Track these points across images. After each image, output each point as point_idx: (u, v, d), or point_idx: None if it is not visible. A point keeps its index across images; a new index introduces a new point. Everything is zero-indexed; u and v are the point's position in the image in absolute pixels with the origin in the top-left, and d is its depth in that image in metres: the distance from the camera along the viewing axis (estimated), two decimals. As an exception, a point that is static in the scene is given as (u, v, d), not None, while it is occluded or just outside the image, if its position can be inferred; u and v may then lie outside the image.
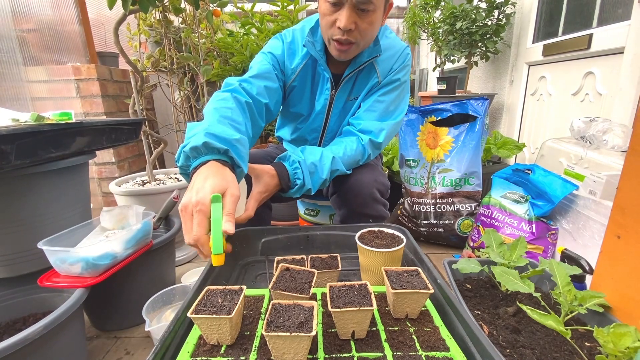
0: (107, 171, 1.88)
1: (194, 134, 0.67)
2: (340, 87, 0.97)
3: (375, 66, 0.97)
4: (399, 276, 0.58)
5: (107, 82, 1.84)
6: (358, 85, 0.99)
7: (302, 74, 0.98)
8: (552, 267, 0.68)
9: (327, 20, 0.83)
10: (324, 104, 0.99)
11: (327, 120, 1.03)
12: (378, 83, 0.98)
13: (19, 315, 0.98)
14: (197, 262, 1.56)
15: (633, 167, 0.64)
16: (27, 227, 0.93)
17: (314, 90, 1.01)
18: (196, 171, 0.62)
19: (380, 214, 0.97)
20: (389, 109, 0.98)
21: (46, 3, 1.82)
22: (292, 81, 0.98)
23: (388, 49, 0.97)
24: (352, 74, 0.95)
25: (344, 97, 1.00)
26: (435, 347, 0.48)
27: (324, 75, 0.96)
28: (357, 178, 0.94)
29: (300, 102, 1.02)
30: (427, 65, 3.59)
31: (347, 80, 0.97)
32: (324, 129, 1.05)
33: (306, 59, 0.96)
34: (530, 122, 2.03)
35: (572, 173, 1.18)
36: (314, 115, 1.03)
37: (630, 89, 1.30)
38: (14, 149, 0.76)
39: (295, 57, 0.97)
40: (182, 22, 1.83)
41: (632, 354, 0.51)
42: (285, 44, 0.98)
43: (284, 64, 0.98)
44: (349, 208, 0.96)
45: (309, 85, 1.00)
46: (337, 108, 1.01)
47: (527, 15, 2.00)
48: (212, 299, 0.51)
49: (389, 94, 0.98)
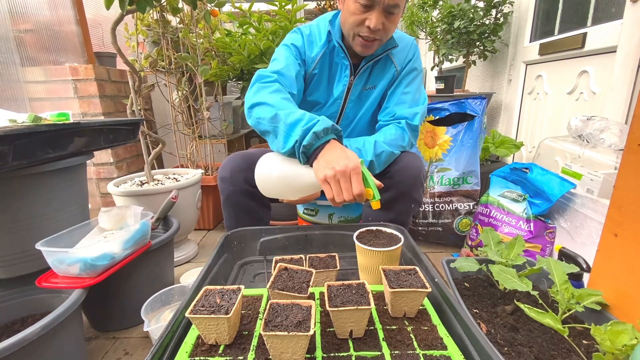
0: (105, 172, 1.88)
1: (309, 118, 0.79)
2: (358, 75, 1.03)
3: (392, 57, 1.03)
4: (396, 275, 0.58)
5: (104, 83, 1.84)
6: (374, 75, 1.04)
7: (322, 62, 1.03)
8: (550, 266, 0.69)
9: (355, 18, 0.89)
10: (343, 89, 1.04)
11: (344, 106, 1.07)
12: (397, 72, 1.04)
13: (17, 316, 0.98)
14: (196, 262, 1.56)
15: (630, 165, 0.64)
16: (25, 228, 0.93)
17: (331, 79, 1.07)
18: (322, 148, 0.77)
19: (421, 200, 1.02)
20: (416, 97, 1.04)
21: (43, 3, 1.82)
22: (312, 69, 1.04)
23: (401, 40, 1.04)
24: (369, 63, 1.01)
25: (360, 85, 1.05)
26: (433, 346, 0.49)
27: (343, 63, 1.02)
28: (408, 160, 0.99)
29: (318, 89, 1.07)
30: (425, 64, 3.59)
31: (365, 69, 1.02)
32: (340, 115, 1.10)
33: (324, 48, 1.02)
34: (527, 121, 2.03)
35: (570, 172, 1.18)
36: (331, 101, 1.07)
37: (622, 87, 1.31)
38: (11, 150, 0.76)
39: (314, 47, 1.03)
40: (180, 22, 1.82)
41: (629, 351, 0.52)
42: (305, 35, 1.04)
43: (305, 53, 1.03)
44: (397, 189, 0.97)
45: (327, 73, 1.06)
46: (354, 95, 1.06)
47: (525, 14, 2.00)
48: (210, 299, 0.51)
49: (412, 84, 1.04)
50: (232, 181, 0.98)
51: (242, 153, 1.05)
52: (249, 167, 0.97)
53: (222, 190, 1.02)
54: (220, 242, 0.81)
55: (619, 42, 1.31)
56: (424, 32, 2.33)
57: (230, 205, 1.02)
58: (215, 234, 1.90)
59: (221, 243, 0.81)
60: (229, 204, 1.02)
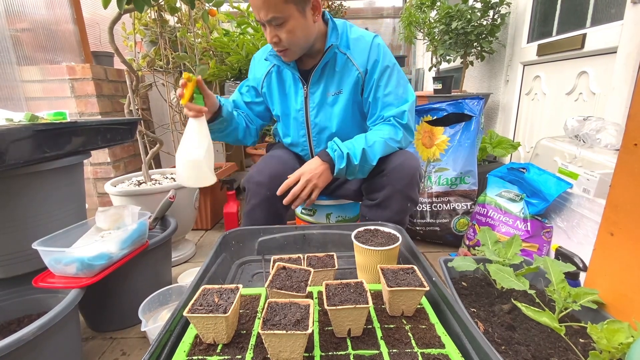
0: (102, 171, 1.87)
1: None
2: (311, 81, 1.06)
3: (351, 59, 1.03)
4: (394, 274, 0.58)
5: (102, 82, 1.83)
6: (337, 78, 1.05)
7: (268, 80, 1.12)
8: (547, 265, 0.69)
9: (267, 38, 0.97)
10: (302, 100, 1.09)
11: (306, 114, 1.10)
12: (360, 74, 1.03)
13: (13, 316, 0.97)
14: (193, 263, 1.55)
15: (626, 165, 0.65)
16: (22, 228, 0.92)
17: (282, 92, 1.12)
18: None
19: (417, 199, 1.02)
20: (400, 94, 1.04)
21: (40, 2, 1.81)
22: (261, 88, 1.15)
23: (358, 40, 1.04)
24: (319, 67, 1.03)
25: (319, 92, 1.07)
26: (430, 344, 0.49)
27: (294, 76, 1.08)
28: (404, 159, 1.00)
29: (273, 103, 1.15)
30: (423, 65, 3.60)
31: (314, 76, 1.05)
32: (307, 124, 1.12)
33: (269, 67, 1.11)
34: (525, 122, 2.04)
35: (566, 171, 1.19)
36: (294, 113, 1.12)
37: (623, 88, 1.31)
38: (8, 149, 0.75)
39: (261, 69, 1.14)
40: (178, 22, 1.82)
41: (625, 349, 0.52)
42: (253, 63, 1.18)
43: (255, 78, 1.16)
44: (393, 187, 0.97)
45: (276, 88, 1.12)
46: (313, 102, 1.08)
47: (522, 15, 2.01)
48: (208, 298, 0.51)
49: (390, 82, 1.03)
50: (270, 187, 0.99)
51: (278, 157, 1.09)
52: (285, 172, 1.00)
53: (255, 193, 1.01)
54: (219, 241, 0.81)
55: (620, 43, 1.32)
56: (422, 33, 2.34)
57: (263, 210, 1.01)
58: (212, 234, 1.89)
59: (219, 242, 0.81)
60: (262, 209, 1.01)
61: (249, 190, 1.03)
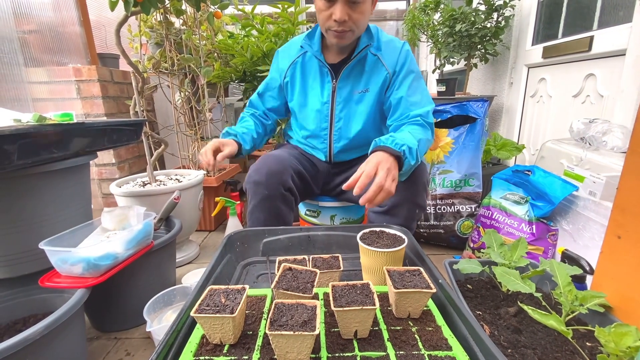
0: (107, 172, 1.88)
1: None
2: (341, 76, 1.06)
3: (381, 60, 1.05)
4: (401, 276, 0.58)
5: (107, 84, 1.84)
6: (364, 78, 1.06)
7: (292, 70, 1.13)
8: (553, 268, 0.69)
9: (323, 15, 0.95)
10: (329, 93, 1.09)
11: (332, 108, 1.10)
12: (389, 75, 1.05)
13: (19, 315, 0.98)
14: (197, 263, 1.56)
15: (633, 167, 0.64)
16: (29, 228, 0.93)
17: (305, 84, 1.12)
18: None
19: (425, 205, 1.01)
20: (424, 95, 1.04)
21: (47, 5, 1.82)
22: (284, 78, 1.14)
23: (389, 43, 1.07)
24: (351, 63, 1.04)
25: (347, 89, 1.07)
26: (437, 347, 0.49)
27: (322, 70, 1.08)
28: None
29: (293, 95, 1.15)
30: (427, 67, 3.60)
31: (345, 72, 1.05)
32: (332, 117, 1.11)
33: (295, 58, 1.11)
34: (530, 124, 2.03)
35: (572, 174, 1.18)
36: (319, 105, 1.11)
37: (632, 90, 1.31)
38: (16, 149, 0.76)
39: (286, 60, 1.14)
40: (183, 24, 1.83)
41: (633, 353, 0.52)
42: (279, 53, 1.18)
43: (279, 68, 1.16)
44: (401, 195, 0.95)
45: (299, 80, 1.12)
46: (340, 97, 1.08)
47: (526, 17, 2.01)
48: (215, 299, 0.51)
49: (416, 86, 1.04)
50: (267, 185, 0.98)
51: (276, 155, 1.06)
52: (284, 171, 0.99)
53: (254, 193, 1.00)
54: (224, 242, 0.81)
55: (629, 45, 1.31)
56: (426, 35, 2.34)
57: (263, 209, 1.00)
58: (216, 235, 1.90)
59: (224, 243, 0.81)
60: (261, 208, 1.00)
61: (248, 190, 1.02)
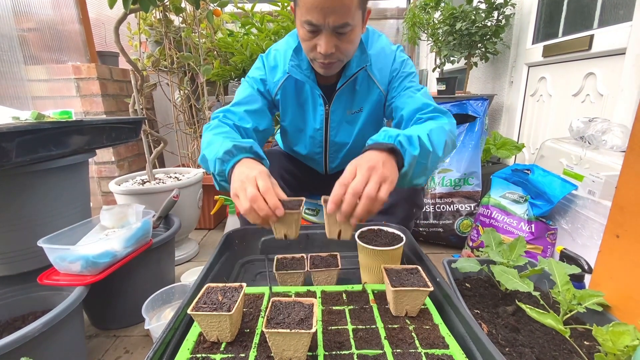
0: (106, 170, 1.88)
1: (217, 149, 0.73)
2: (334, 100, 0.97)
3: (372, 77, 0.96)
4: (398, 274, 0.58)
5: (107, 82, 1.84)
6: (358, 97, 0.98)
7: (284, 87, 0.99)
8: (551, 267, 0.68)
9: (306, 44, 0.82)
10: (321, 119, 1.01)
11: (326, 134, 1.04)
12: (382, 93, 0.97)
13: (18, 313, 0.98)
14: (196, 262, 1.56)
15: (632, 166, 0.64)
16: (27, 225, 0.93)
17: (300, 103, 1.01)
18: (233, 170, 0.68)
19: (422, 205, 0.99)
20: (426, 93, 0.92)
21: (47, 2, 1.82)
22: (275, 95, 1.00)
23: (379, 55, 0.96)
24: (344, 86, 0.94)
25: (341, 110, 1.00)
26: (434, 345, 0.49)
27: (314, 93, 0.97)
28: None
29: (287, 114, 1.03)
30: (427, 66, 3.59)
31: (340, 93, 0.96)
32: (326, 143, 1.06)
33: (286, 75, 0.96)
34: (529, 123, 2.03)
35: (571, 173, 1.18)
36: (312, 132, 1.04)
37: (632, 89, 1.30)
38: (14, 147, 0.76)
39: (277, 73, 0.98)
40: (183, 22, 1.83)
41: (630, 352, 0.51)
42: (266, 63, 1.00)
43: (268, 81, 0.99)
44: (398, 194, 0.94)
45: (293, 99, 1.00)
46: (334, 122, 1.01)
47: (527, 16, 2.00)
48: (212, 296, 0.51)
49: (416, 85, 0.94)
50: None
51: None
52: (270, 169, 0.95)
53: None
54: (222, 240, 0.81)
55: (629, 44, 1.31)
56: (426, 34, 2.34)
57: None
58: (215, 233, 1.90)
59: (222, 242, 0.81)
60: None
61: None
